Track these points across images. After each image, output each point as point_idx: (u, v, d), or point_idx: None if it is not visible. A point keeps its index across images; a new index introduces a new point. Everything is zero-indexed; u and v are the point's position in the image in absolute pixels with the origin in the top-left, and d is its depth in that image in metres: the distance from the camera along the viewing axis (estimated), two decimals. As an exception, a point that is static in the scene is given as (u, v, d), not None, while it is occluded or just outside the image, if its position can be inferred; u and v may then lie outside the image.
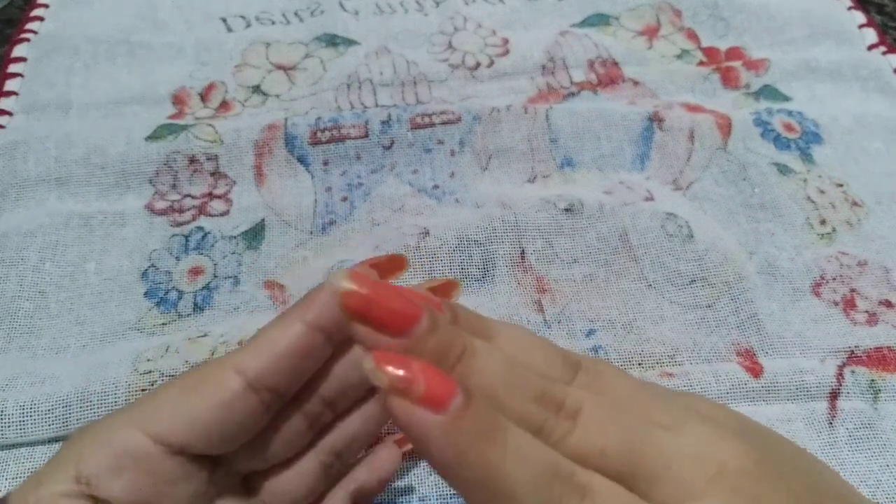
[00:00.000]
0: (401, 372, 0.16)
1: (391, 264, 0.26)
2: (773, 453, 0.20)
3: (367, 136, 0.40)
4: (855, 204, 0.39)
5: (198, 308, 0.34)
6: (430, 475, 0.29)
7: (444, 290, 0.26)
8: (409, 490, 0.29)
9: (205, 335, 0.32)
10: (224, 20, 0.48)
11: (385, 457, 0.27)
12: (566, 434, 0.18)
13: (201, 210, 0.38)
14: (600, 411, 0.19)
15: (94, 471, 0.20)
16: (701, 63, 0.46)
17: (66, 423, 0.29)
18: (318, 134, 0.40)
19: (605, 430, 0.19)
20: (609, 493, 0.18)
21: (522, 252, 0.35)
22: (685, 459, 0.18)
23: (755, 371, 0.32)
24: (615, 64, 0.46)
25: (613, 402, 0.20)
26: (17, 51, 0.45)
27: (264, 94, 0.44)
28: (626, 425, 0.19)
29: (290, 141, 0.40)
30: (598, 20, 0.48)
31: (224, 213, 0.38)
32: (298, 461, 0.24)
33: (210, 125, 0.40)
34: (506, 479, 0.16)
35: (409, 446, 0.28)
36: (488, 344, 0.19)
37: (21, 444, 0.30)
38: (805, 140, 0.41)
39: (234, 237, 0.37)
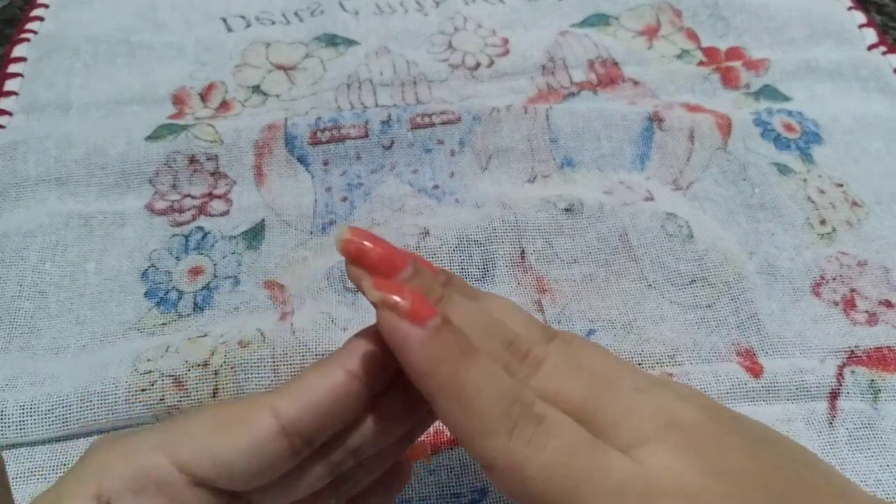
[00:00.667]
0: (394, 295, 0.19)
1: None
2: (740, 421, 0.21)
3: (367, 136, 0.40)
4: (855, 204, 0.39)
5: (198, 308, 0.34)
6: (430, 475, 0.29)
7: None
8: (409, 490, 0.29)
9: (205, 335, 0.32)
10: (224, 20, 0.48)
11: (396, 474, 0.27)
12: (526, 377, 0.21)
13: (201, 210, 0.38)
14: (565, 365, 0.21)
15: (116, 491, 0.20)
16: (701, 63, 0.46)
17: (66, 423, 0.29)
18: (318, 134, 0.40)
19: (566, 378, 0.21)
20: (564, 425, 0.20)
21: (522, 252, 0.35)
22: (642, 411, 0.20)
23: (755, 371, 0.32)
24: (615, 64, 0.46)
25: (580, 362, 0.22)
26: (17, 51, 0.45)
27: (264, 94, 0.44)
28: (588, 378, 0.21)
29: (290, 141, 0.40)
30: (598, 20, 0.48)
31: (224, 213, 0.38)
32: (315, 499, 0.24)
33: (210, 125, 0.40)
34: (471, 392, 0.19)
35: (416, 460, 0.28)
36: (467, 300, 0.22)
37: (21, 444, 0.30)
38: (805, 140, 0.41)
39: (234, 237, 0.37)
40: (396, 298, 0.19)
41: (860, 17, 0.48)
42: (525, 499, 0.19)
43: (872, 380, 0.32)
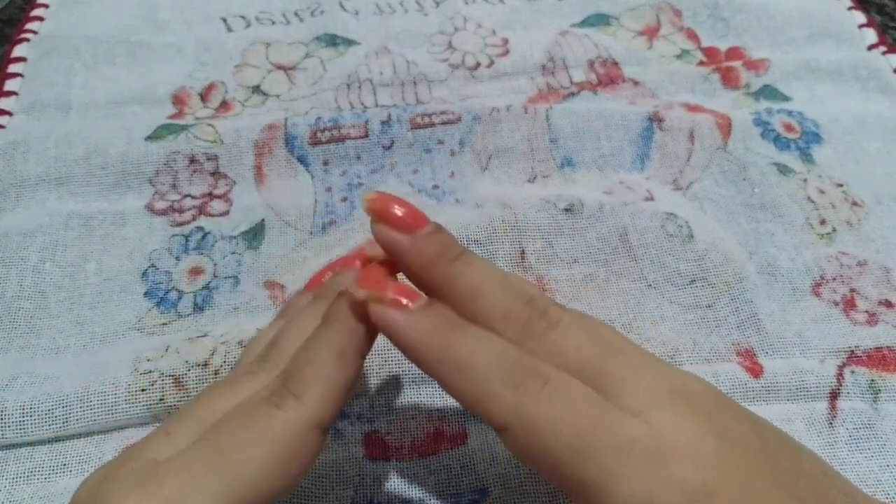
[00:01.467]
0: (376, 286, 0.21)
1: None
2: (738, 405, 0.22)
3: (367, 136, 0.40)
4: (855, 204, 0.39)
5: (198, 308, 0.34)
6: (431, 475, 0.29)
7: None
8: (409, 490, 0.29)
9: (205, 335, 0.32)
10: (224, 20, 0.48)
11: None
12: (547, 330, 0.21)
13: (201, 210, 0.38)
14: (580, 325, 0.22)
15: None
16: (701, 63, 0.46)
17: (66, 423, 0.29)
18: (318, 134, 0.40)
19: (582, 336, 0.21)
20: (572, 384, 0.20)
21: (522, 252, 0.35)
22: (653, 374, 0.21)
23: (755, 371, 0.32)
24: (615, 64, 0.46)
25: (593, 329, 0.22)
26: (17, 51, 0.45)
27: (264, 94, 0.44)
28: (601, 342, 0.22)
29: (290, 141, 0.40)
30: (598, 20, 0.48)
31: (224, 213, 0.38)
32: None
33: (210, 125, 0.40)
34: (467, 358, 0.20)
35: None
36: (486, 261, 0.23)
37: (21, 444, 0.30)
38: (805, 140, 0.41)
39: (234, 237, 0.37)
40: (382, 291, 0.21)
41: (860, 17, 0.48)
42: (537, 458, 0.20)
43: (872, 380, 0.32)
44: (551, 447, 0.19)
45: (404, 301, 0.21)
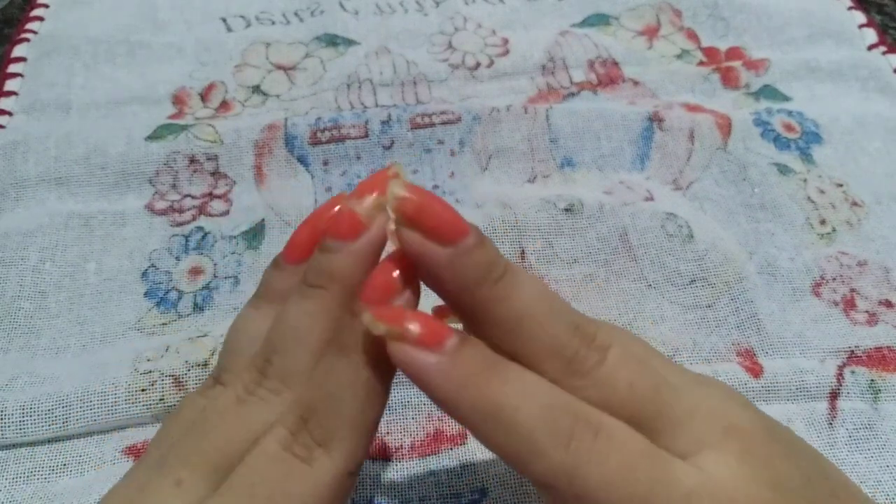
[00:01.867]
0: (399, 324, 0.17)
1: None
2: (779, 428, 0.21)
3: (367, 136, 0.40)
4: (855, 204, 0.39)
5: (198, 308, 0.34)
6: (430, 475, 0.29)
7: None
8: (409, 490, 0.29)
9: (205, 335, 0.32)
10: (224, 20, 0.48)
11: None
12: (597, 364, 0.19)
13: (201, 210, 0.38)
14: (626, 354, 0.19)
15: None
16: (701, 63, 0.46)
17: (66, 423, 0.29)
18: (318, 134, 0.40)
19: (633, 370, 0.19)
20: (623, 434, 0.18)
21: (522, 252, 0.35)
22: (701, 414, 0.19)
23: (755, 371, 0.32)
24: (615, 64, 0.46)
25: (639, 353, 0.20)
26: (17, 51, 0.45)
27: (264, 94, 0.44)
28: (652, 368, 0.19)
29: (290, 141, 0.40)
30: (598, 20, 0.48)
31: (224, 213, 0.38)
32: None
33: (210, 125, 0.40)
34: (509, 411, 0.17)
35: None
36: (529, 276, 0.20)
37: (21, 444, 0.30)
38: (805, 140, 0.41)
39: (234, 237, 0.37)
40: (404, 327, 0.17)
41: (860, 17, 0.48)
42: None
43: (872, 380, 0.32)
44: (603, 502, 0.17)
45: (434, 341, 0.17)
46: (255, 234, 0.37)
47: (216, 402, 0.20)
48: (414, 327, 0.17)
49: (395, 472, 0.29)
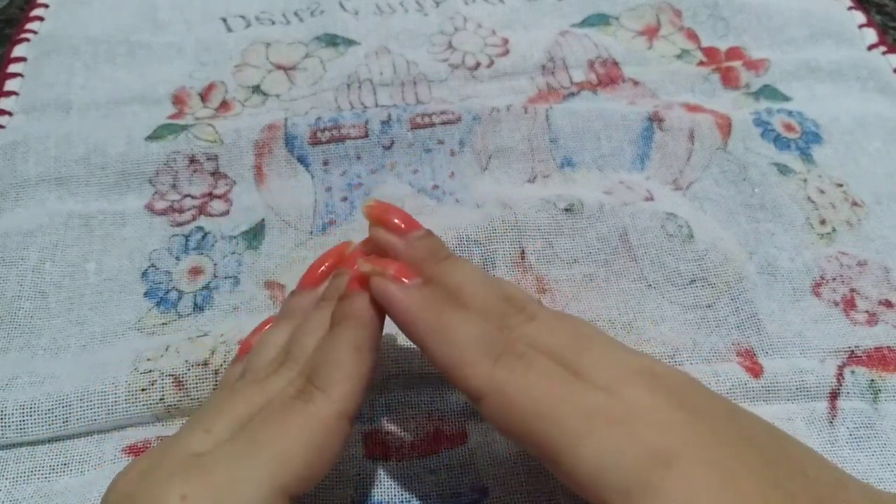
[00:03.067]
0: (379, 265, 0.25)
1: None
2: (708, 390, 0.23)
3: (367, 136, 0.40)
4: (855, 204, 0.39)
5: (198, 308, 0.34)
6: (431, 475, 0.29)
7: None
8: (409, 490, 0.29)
9: (205, 335, 0.32)
10: (224, 20, 0.48)
11: None
12: (522, 323, 0.24)
13: (201, 210, 0.38)
14: (555, 318, 0.24)
15: None
16: (701, 63, 0.46)
17: (66, 423, 0.29)
18: (318, 134, 0.40)
19: (555, 325, 0.24)
20: (544, 362, 0.22)
21: (522, 252, 0.35)
22: (620, 357, 0.23)
23: (755, 371, 0.32)
24: (615, 64, 0.46)
25: (568, 321, 0.25)
26: (17, 51, 0.45)
27: (264, 94, 0.44)
28: (574, 329, 0.24)
29: (290, 141, 0.40)
30: (598, 20, 0.48)
31: (224, 213, 0.38)
32: None
33: (210, 125, 0.40)
34: (455, 330, 0.22)
35: None
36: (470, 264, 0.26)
37: (21, 444, 0.30)
38: (805, 140, 0.41)
39: (234, 237, 0.37)
40: (384, 268, 0.24)
41: (860, 17, 0.48)
42: (510, 425, 0.22)
43: (872, 380, 0.32)
44: (523, 415, 0.21)
45: (404, 277, 0.24)
46: (255, 234, 0.37)
47: (243, 382, 0.25)
48: (391, 269, 0.24)
49: (396, 472, 0.29)
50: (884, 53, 0.46)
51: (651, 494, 0.19)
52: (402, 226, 0.26)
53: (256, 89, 0.44)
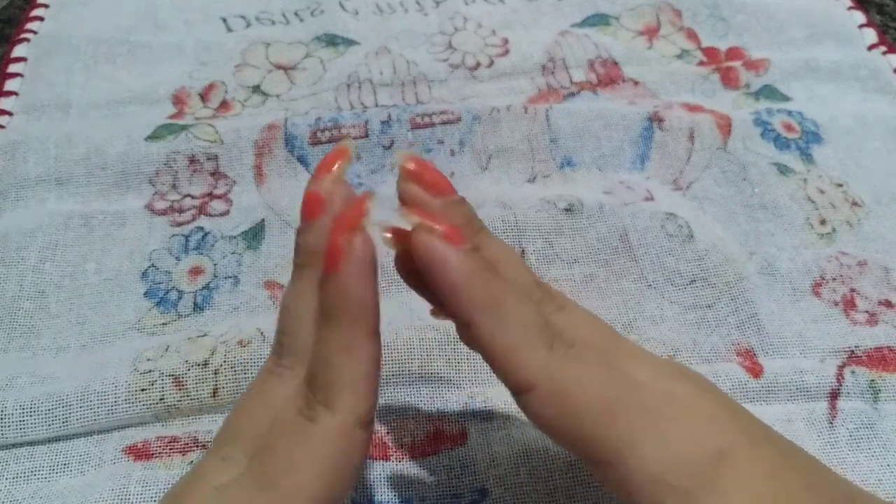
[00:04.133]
0: (428, 217, 0.20)
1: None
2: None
3: (367, 136, 0.40)
4: (855, 204, 0.39)
5: (198, 308, 0.34)
6: (431, 475, 0.29)
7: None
8: (409, 490, 0.29)
9: (205, 335, 0.32)
10: (224, 20, 0.48)
11: None
12: (557, 310, 0.22)
13: (201, 210, 0.38)
14: (584, 313, 0.23)
15: None
16: (701, 63, 0.46)
17: (66, 423, 0.29)
18: (318, 134, 0.40)
19: (588, 318, 0.23)
20: (592, 352, 0.21)
21: (522, 252, 0.35)
22: (651, 356, 0.22)
23: (755, 371, 0.32)
24: (615, 64, 0.46)
25: (593, 315, 0.23)
26: (17, 51, 0.45)
27: (264, 94, 0.44)
28: (605, 324, 0.23)
29: (290, 141, 0.40)
30: (598, 20, 0.48)
31: (224, 213, 0.38)
32: None
33: (210, 125, 0.40)
34: (508, 307, 0.20)
35: None
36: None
37: (21, 444, 0.30)
38: (805, 140, 0.41)
39: (234, 237, 0.37)
40: (432, 224, 0.20)
41: (860, 17, 0.48)
42: (562, 422, 0.20)
43: (872, 380, 0.32)
44: (579, 407, 0.19)
45: (454, 239, 0.20)
46: (255, 234, 0.37)
47: (253, 382, 0.23)
48: (441, 226, 0.20)
49: (396, 472, 0.29)
50: (884, 53, 0.46)
51: (712, 492, 0.18)
52: (440, 186, 0.22)
53: (256, 89, 0.44)
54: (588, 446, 0.20)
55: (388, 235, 0.22)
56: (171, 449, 0.30)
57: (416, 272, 0.21)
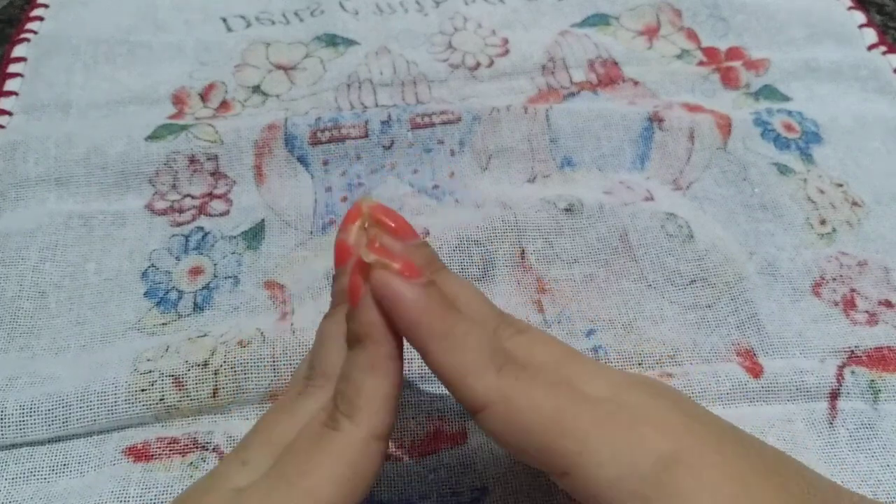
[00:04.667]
0: (385, 255, 0.22)
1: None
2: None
3: (367, 136, 0.40)
4: (855, 204, 0.39)
5: (198, 308, 0.34)
6: (431, 473, 0.29)
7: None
8: (409, 489, 0.29)
9: (205, 335, 0.32)
10: (224, 20, 0.48)
11: None
12: (515, 335, 0.23)
13: (201, 210, 0.38)
14: (545, 336, 0.24)
15: None
16: (701, 63, 0.46)
17: (66, 423, 0.29)
18: (318, 134, 0.40)
19: (547, 340, 0.24)
20: (546, 373, 0.22)
21: (522, 252, 0.35)
22: (613, 371, 0.23)
23: (755, 371, 0.32)
24: (615, 64, 0.46)
25: (555, 339, 0.24)
26: (17, 51, 0.45)
27: (264, 94, 0.44)
28: (565, 346, 0.24)
29: (290, 141, 0.40)
30: (598, 20, 0.48)
31: (224, 213, 0.38)
32: None
33: (210, 125, 0.40)
34: (459, 336, 0.22)
35: None
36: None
37: (21, 444, 0.30)
38: (805, 140, 0.41)
39: (234, 237, 0.37)
40: (389, 262, 0.22)
41: (860, 17, 0.48)
42: (515, 436, 0.21)
43: (872, 380, 0.32)
44: (531, 422, 0.21)
45: (410, 275, 0.22)
46: (255, 234, 0.37)
47: (280, 400, 0.25)
48: (396, 263, 0.22)
49: (395, 472, 0.29)
50: (884, 53, 0.46)
51: (670, 497, 0.19)
52: (401, 230, 0.24)
53: (256, 89, 0.44)
54: (543, 457, 0.21)
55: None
56: (171, 450, 0.30)
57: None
